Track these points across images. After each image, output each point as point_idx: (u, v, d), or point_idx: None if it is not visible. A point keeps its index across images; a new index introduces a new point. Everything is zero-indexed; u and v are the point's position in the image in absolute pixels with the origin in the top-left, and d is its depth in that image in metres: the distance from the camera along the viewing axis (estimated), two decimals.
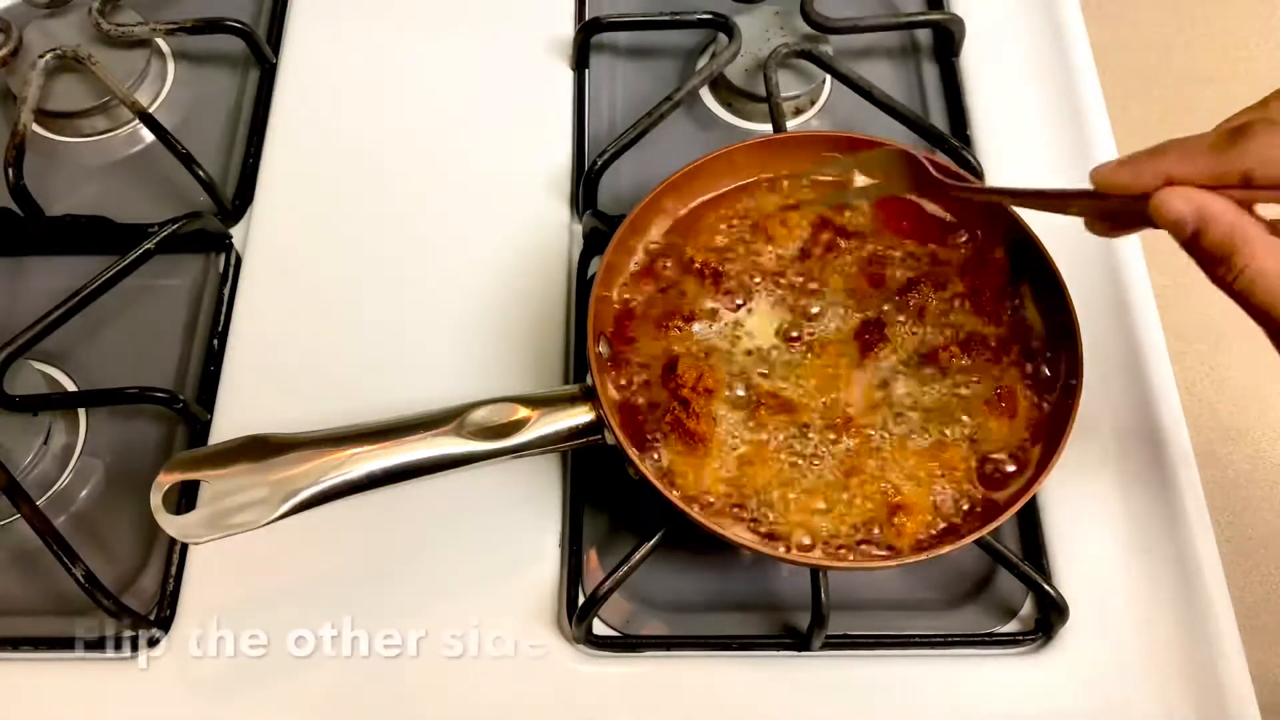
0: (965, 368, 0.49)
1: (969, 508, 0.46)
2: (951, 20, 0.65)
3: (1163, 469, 0.53)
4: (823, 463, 0.47)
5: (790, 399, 0.48)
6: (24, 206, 0.58)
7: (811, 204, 0.53)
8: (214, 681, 0.49)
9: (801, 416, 0.48)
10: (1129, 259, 0.59)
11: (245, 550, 0.49)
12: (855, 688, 0.49)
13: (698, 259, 0.51)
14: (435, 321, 0.57)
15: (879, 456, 0.47)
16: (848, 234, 0.53)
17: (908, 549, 0.45)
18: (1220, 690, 0.49)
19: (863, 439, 0.47)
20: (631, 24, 0.65)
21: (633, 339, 0.50)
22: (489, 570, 0.51)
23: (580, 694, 0.49)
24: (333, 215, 0.61)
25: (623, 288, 0.52)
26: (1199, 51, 0.70)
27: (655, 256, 0.52)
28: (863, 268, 0.52)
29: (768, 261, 0.52)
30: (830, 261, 0.52)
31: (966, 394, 0.49)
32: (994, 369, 0.49)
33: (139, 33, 0.64)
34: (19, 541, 0.52)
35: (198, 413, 0.54)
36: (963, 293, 0.51)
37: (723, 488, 0.47)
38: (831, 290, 0.51)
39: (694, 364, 0.48)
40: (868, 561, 0.45)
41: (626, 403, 0.48)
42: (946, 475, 0.47)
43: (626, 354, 0.50)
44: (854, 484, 0.47)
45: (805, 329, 0.50)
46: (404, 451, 0.45)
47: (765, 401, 0.48)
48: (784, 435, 0.48)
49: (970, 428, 0.48)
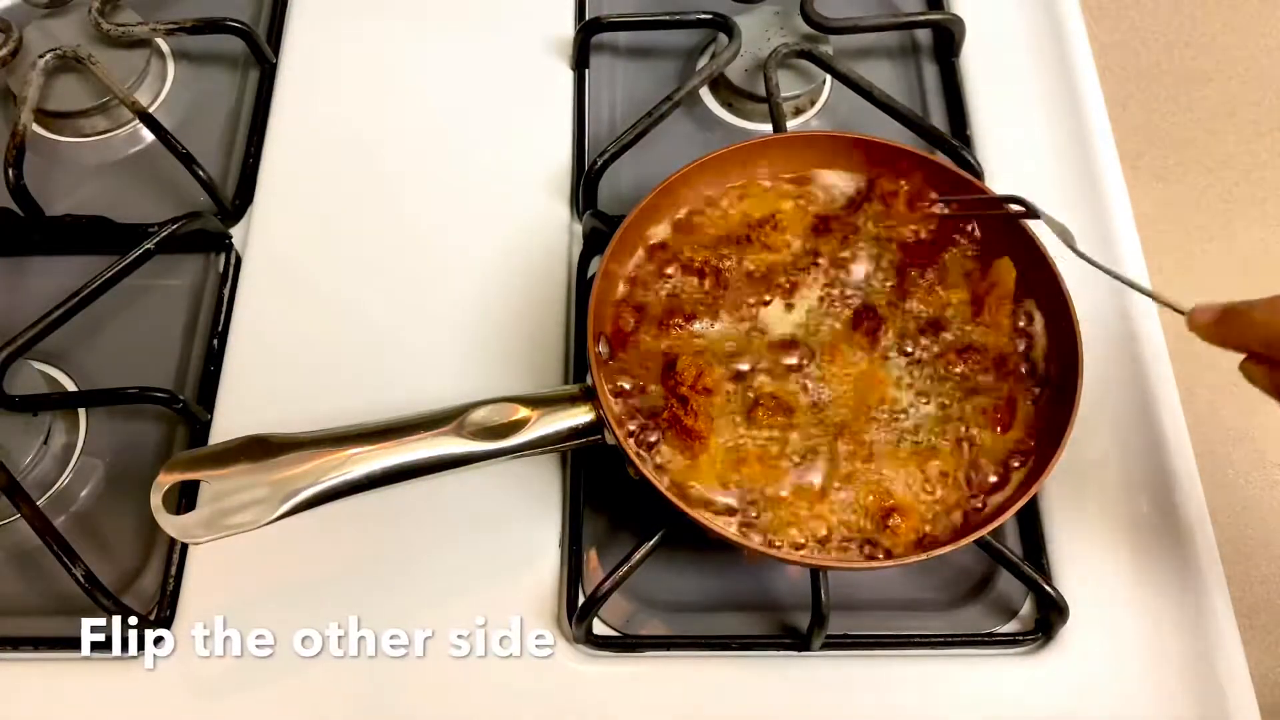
0: (965, 370, 0.49)
1: (968, 508, 0.46)
2: (951, 20, 0.65)
3: (1162, 469, 0.53)
4: (819, 462, 0.47)
5: (789, 401, 0.48)
6: (24, 206, 0.58)
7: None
8: (219, 682, 0.49)
9: (799, 418, 0.48)
10: (1129, 260, 0.59)
11: (245, 550, 0.49)
12: (855, 688, 0.49)
13: (696, 258, 0.51)
14: (435, 321, 0.57)
15: (878, 457, 0.47)
16: (853, 232, 0.53)
17: (904, 549, 0.45)
18: (1220, 690, 0.48)
19: (857, 444, 0.47)
20: (631, 24, 0.65)
21: (633, 337, 0.50)
22: (489, 570, 0.51)
23: (580, 694, 0.49)
24: (333, 215, 0.61)
25: (624, 287, 0.52)
26: (1199, 51, 0.70)
27: (654, 252, 0.52)
28: (868, 268, 0.52)
29: (766, 260, 0.52)
30: (835, 257, 0.52)
31: (966, 395, 0.49)
32: (994, 370, 0.49)
33: (139, 33, 0.64)
34: (19, 541, 0.52)
35: (198, 413, 0.54)
36: (966, 299, 0.51)
37: (719, 485, 0.47)
38: (834, 287, 0.51)
39: (693, 362, 0.48)
40: (867, 561, 0.45)
41: (625, 399, 0.48)
42: (946, 475, 0.47)
43: (626, 353, 0.50)
44: (852, 484, 0.47)
45: (808, 327, 0.50)
46: (404, 451, 0.45)
47: (764, 402, 0.48)
48: (781, 435, 0.48)
49: (969, 428, 0.48)
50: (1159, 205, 0.64)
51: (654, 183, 0.51)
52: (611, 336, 0.50)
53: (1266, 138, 0.65)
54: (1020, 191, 0.49)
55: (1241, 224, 0.64)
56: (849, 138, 0.53)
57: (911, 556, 0.45)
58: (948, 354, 0.49)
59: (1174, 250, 0.62)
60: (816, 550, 0.45)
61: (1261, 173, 0.65)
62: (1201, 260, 0.63)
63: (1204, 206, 0.64)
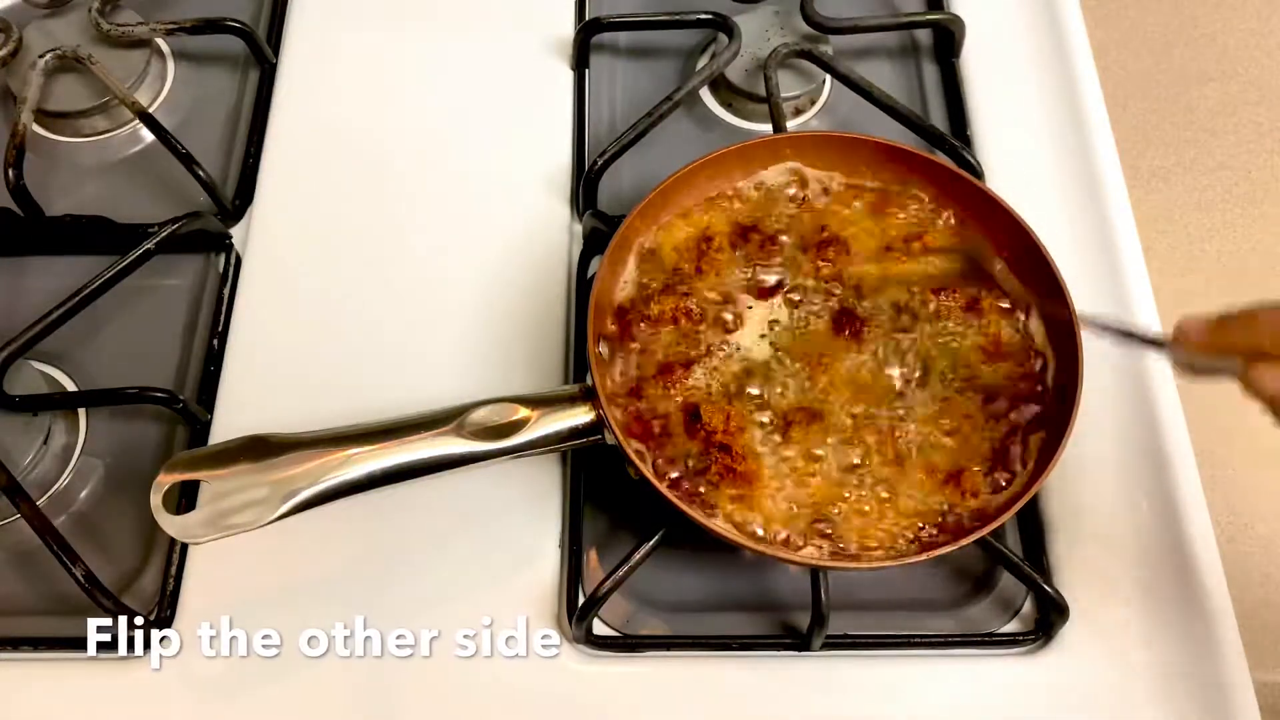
0: (963, 371, 0.49)
1: (968, 509, 0.46)
2: (951, 20, 0.65)
3: (1162, 469, 0.53)
4: (863, 454, 0.47)
5: (814, 407, 0.48)
6: (24, 206, 0.58)
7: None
8: (223, 682, 0.49)
9: (831, 419, 0.48)
10: (1130, 260, 0.58)
11: (246, 551, 0.49)
12: (855, 688, 0.49)
13: (666, 309, 0.50)
14: (435, 321, 0.57)
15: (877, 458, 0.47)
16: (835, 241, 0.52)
17: (983, 503, 0.46)
18: (1220, 690, 0.48)
19: (882, 434, 0.48)
20: (631, 24, 0.65)
21: (641, 394, 0.49)
22: (488, 570, 0.51)
23: (580, 694, 0.49)
24: (333, 215, 0.61)
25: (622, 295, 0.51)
26: (1199, 51, 0.70)
27: (623, 315, 0.51)
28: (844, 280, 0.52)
29: (721, 283, 0.52)
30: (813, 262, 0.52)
31: (964, 395, 0.49)
32: (993, 369, 0.49)
33: (139, 33, 0.64)
34: (19, 541, 0.52)
35: (198, 413, 0.54)
36: (964, 302, 0.51)
37: (788, 510, 0.46)
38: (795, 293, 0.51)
39: (717, 409, 0.47)
40: (868, 562, 0.45)
41: (661, 469, 0.47)
42: (945, 477, 0.47)
43: (641, 408, 0.49)
44: (851, 485, 0.47)
45: (792, 334, 0.50)
46: (404, 451, 0.45)
47: (793, 418, 0.48)
48: (821, 438, 0.48)
49: (969, 429, 0.48)
50: (1159, 205, 0.64)
51: (654, 183, 0.51)
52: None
53: (1267, 138, 0.65)
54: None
55: (1241, 224, 0.64)
56: (850, 138, 0.53)
57: (912, 557, 0.45)
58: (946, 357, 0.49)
59: (1174, 250, 0.62)
60: (818, 550, 0.45)
61: (1261, 173, 0.65)
62: (1201, 260, 0.63)
63: (1204, 206, 0.64)
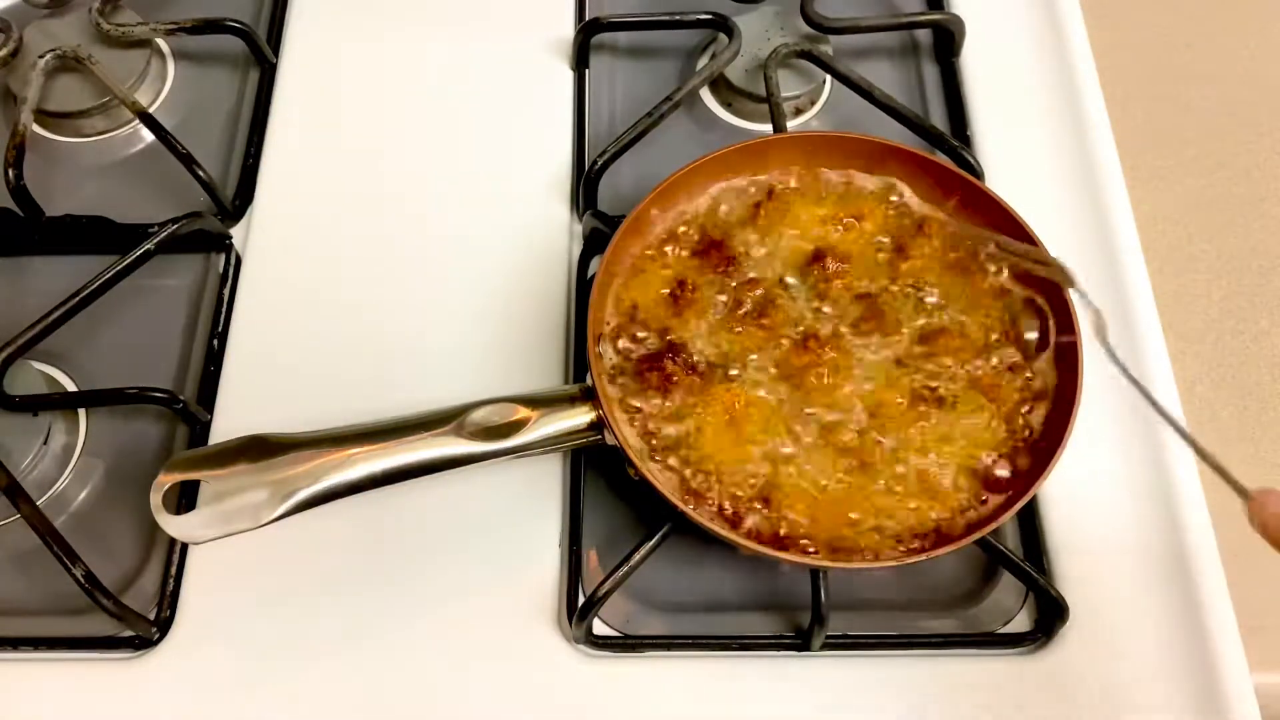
0: (963, 372, 0.49)
1: (968, 509, 0.46)
2: (951, 20, 0.65)
3: (1162, 469, 0.53)
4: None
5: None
6: (24, 206, 0.58)
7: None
8: (221, 681, 0.49)
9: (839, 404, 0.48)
10: (1130, 260, 0.59)
11: (246, 551, 0.49)
12: (855, 688, 0.49)
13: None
14: (435, 321, 0.57)
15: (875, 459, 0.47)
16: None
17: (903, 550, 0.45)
18: (1220, 691, 0.48)
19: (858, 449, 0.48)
20: (631, 24, 0.65)
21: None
22: (489, 570, 0.51)
23: (580, 694, 0.49)
24: (333, 215, 0.61)
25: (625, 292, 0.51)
26: (1199, 51, 0.70)
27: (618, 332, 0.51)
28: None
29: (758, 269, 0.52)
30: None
31: (962, 396, 0.49)
32: (993, 368, 0.49)
33: (139, 33, 0.64)
34: (19, 541, 0.52)
35: (198, 413, 0.54)
36: (963, 302, 0.51)
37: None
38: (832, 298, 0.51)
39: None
40: (868, 562, 0.45)
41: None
42: (944, 477, 0.47)
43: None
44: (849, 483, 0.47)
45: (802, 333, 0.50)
46: (404, 452, 0.45)
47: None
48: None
49: (968, 429, 0.48)
50: (1159, 205, 0.64)
51: (654, 183, 0.51)
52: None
53: (1266, 138, 0.65)
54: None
55: (1241, 224, 0.64)
56: (849, 138, 0.53)
57: (912, 557, 0.45)
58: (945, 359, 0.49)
59: (1174, 250, 0.62)
60: (818, 550, 0.45)
61: (1261, 173, 0.65)
62: (1201, 260, 0.63)
63: (1204, 206, 0.64)
